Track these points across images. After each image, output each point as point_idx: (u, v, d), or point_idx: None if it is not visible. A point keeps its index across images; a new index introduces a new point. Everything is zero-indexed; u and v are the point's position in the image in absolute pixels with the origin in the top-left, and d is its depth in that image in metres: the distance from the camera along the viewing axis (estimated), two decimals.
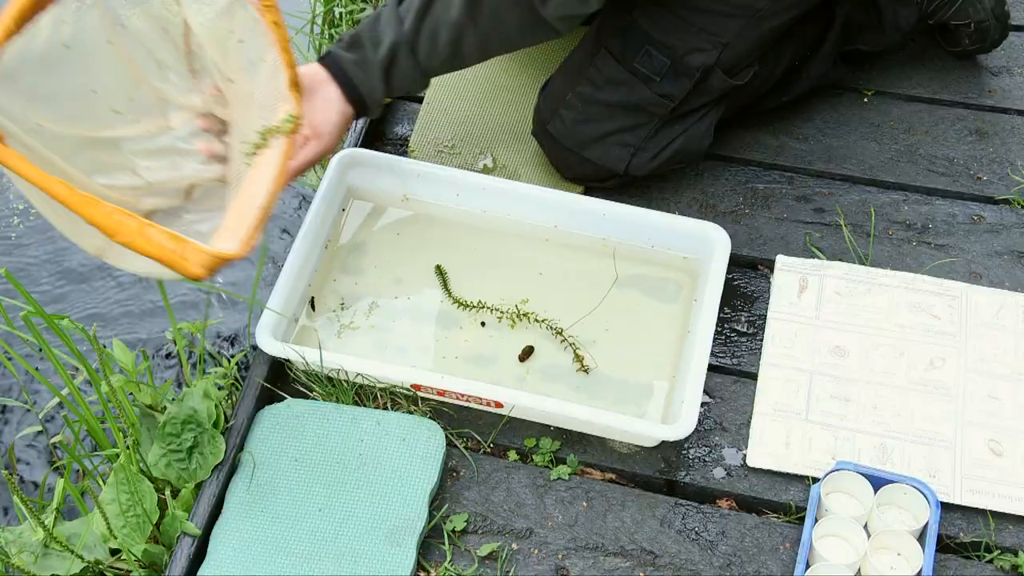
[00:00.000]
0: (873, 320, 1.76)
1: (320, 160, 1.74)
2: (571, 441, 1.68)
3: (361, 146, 1.98)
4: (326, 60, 1.72)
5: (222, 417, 1.66)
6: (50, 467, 2.03)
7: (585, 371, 1.73)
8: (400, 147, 2.04)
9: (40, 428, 1.94)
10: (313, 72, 1.70)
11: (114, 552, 1.60)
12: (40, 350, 1.71)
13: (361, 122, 2.01)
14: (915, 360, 1.72)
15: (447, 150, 2.01)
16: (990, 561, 1.55)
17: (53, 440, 1.79)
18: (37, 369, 1.80)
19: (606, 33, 1.81)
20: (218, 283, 1.98)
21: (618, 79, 1.80)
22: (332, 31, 2.53)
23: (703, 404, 1.68)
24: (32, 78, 1.49)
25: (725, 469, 1.65)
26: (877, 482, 1.57)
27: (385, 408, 1.69)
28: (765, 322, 1.78)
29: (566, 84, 1.85)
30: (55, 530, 1.58)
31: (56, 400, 1.91)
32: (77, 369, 1.82)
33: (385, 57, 1.70)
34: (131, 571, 1.58)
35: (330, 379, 1.70)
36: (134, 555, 1.56)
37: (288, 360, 1.72)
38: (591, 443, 1.67)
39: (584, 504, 1.62)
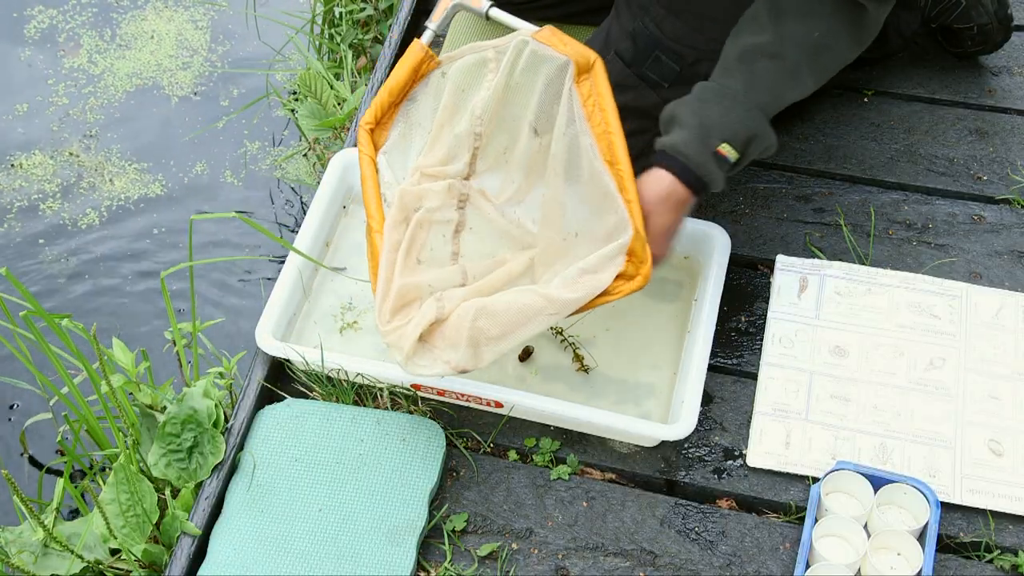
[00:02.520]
0: (873, 320, 1.76)
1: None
2: (571, 441, 1.68)
3: None
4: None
5: (222, 417, 1.66)
6: (58, 456, 2.03)
7: (585, 371, 1.73)
8: None
9: (50, 414, 1.94)
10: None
11: (114, 552, 1.60)
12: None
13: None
14: (915, 360, 1.72)
15: None
16: (990, 561, 1.55)
17: (61, 430, 1.80)
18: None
19: (617, 36, 1.80)
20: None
21: (626, 83, 1.80)
22: (332, 31, 2.53)
23: (703, 404, 1.68)
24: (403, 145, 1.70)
25: (725, 469, 1.65)
26: (877, 482, 1.57)
27: (385, 408, 1.70)
28: (765, 322, 1.78)
29: None
30: (55, 530, 1.58)
31: (55, 399, 1.92)
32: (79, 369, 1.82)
33: (697, 98, 1.59)
34: (131, 571, 1.58)
35: (330, 379, 1.70)
36: (134, 555, 1.56)
37: (288, 360, 1.72)
38: (591, 443, 1.67)
39: (584, 504, 1.62)
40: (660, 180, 1.57)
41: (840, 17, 1.59)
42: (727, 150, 1.56)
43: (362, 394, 1.71)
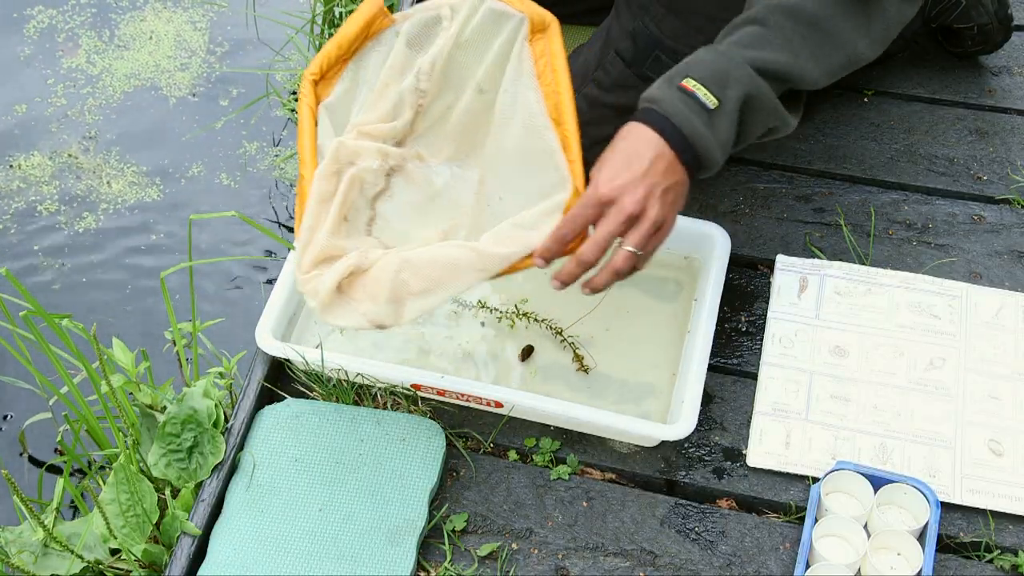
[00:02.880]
0: (873, 320, 1.76)
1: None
2: (571, 441, 1.68)
3: None
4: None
5: (222, 417, 1.66)
6: (57, 455, 2.04)
7: (585, 371, 1.73)
8: None
9: (50, 414, 1.94)
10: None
11: (114, 552, 1.60)
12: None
13: None
14: (915, 360, 1.72)
15: None
16: (990, 561, 1.55)
17: (61, 430, 1.80)
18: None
19: (617, 36, 1.80)
20: None
21: (626, 83, 1.79)
22: (332, 31, 2.53)
23: (703, 404, 1.68)
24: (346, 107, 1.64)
25: (725, 469, 1.65)
26: (877, 482, 1.57)
27: (385, 408, 1.69)
28: (765, 322, 1.78)
29: (573, 85, 1.84)
30: (55, 530, 1.58)
31: (54, 399, 1.92)
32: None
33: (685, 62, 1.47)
34: (131, 571, 1.58)
35: (330, 379, 1.70)
36: (134, 555, 1.56)
37: (288, 360, 1.72)
38: (591, 443, 1.67)
39: (584, 504, 1.62)
40: (623, 129, 1.46)
41: (845, 4, 1.49)
42: (693, 85, 1.42)
43: (362, 394, 1.71)
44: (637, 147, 1.43)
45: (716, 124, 1.43)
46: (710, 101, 1.42)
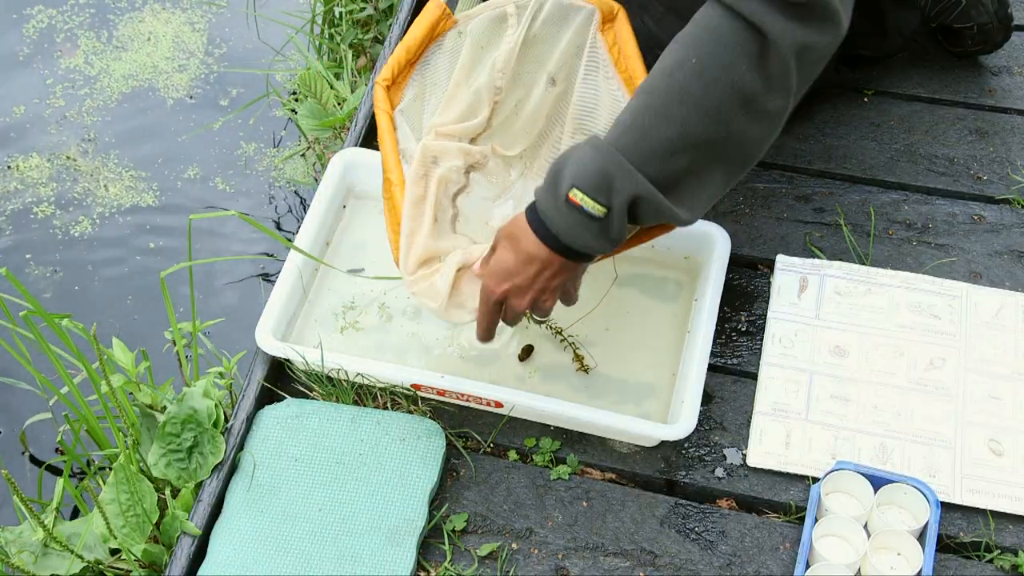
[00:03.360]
0: (873, 320, 1.76)
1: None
2: (571, 441, 1.68)
3: (361, 146, 1.98)
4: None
5: (222, 417, 1.66)
6: (57, 455, 2.03)
7: (585, 371, 1.73)
8: None
9: (50, 414, 1.94)
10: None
11: (114, 552, 1.60)
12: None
13: (361, 122, 2.01)
14: (915, 360, 1.72)
15: None
16: (990, 561, 1.55)
17: (61, 429, 1.79)
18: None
19: None
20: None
21: None
22: (332, 31, 2.53)
23: (703, 404, 1.68)
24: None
25: (725, 469, 1.65)
26: (877, 482, 1.57)
27: (385, 408, 1.69)
28: (765, 322, 1.78)
29: None
30: (55, 530, 1.58)
31: (54, 399, 1.92)
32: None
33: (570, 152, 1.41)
34: (131, 571, 1.58)
35: (330, 379, 1.70)
36: (134, 555, 1.56)
37: (288, 360, 1.72)
38: (591, 443, 1.67)
39: (584, 504, 1.62)
40: (515, 221, 1.46)
41: (732, 44, 1.34)
42: (580, 198, 1.36)
43: (362, 394, 1.71)
44: (523, 253, 1.46)
45: (606, 229, 1.40)
46: (597, 211, 1.37)
